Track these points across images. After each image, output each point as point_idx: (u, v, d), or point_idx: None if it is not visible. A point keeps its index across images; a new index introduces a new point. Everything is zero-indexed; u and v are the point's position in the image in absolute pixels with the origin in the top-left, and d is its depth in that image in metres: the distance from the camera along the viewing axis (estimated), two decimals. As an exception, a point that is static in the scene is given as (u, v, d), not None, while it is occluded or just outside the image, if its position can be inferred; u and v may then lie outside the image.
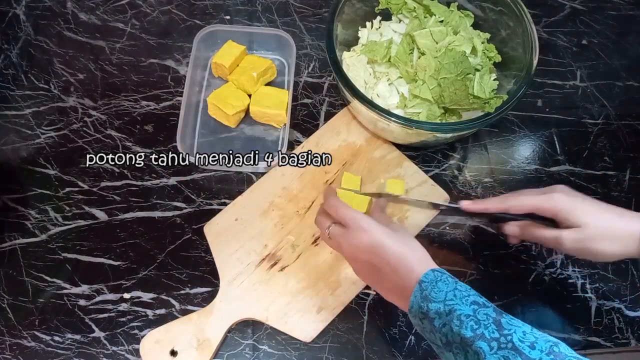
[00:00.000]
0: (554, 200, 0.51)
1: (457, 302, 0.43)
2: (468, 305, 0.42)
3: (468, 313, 0.42)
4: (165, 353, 0.57)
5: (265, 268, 0.62)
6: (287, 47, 0.72)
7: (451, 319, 0.42)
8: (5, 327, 0.60)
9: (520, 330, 0.40)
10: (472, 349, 0.40)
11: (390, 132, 0.65)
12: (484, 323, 0.41)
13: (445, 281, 0.45)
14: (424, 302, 0.44)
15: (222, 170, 0.69)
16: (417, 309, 0.45)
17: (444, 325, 0.42)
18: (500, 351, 0.39)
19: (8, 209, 0.65)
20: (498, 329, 0.40)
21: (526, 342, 0.39)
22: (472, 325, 0.41)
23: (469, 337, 0.40)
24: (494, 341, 0.39)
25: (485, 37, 0.69)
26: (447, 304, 0.43)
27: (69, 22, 0.78)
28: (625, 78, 0.78)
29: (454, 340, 0.42)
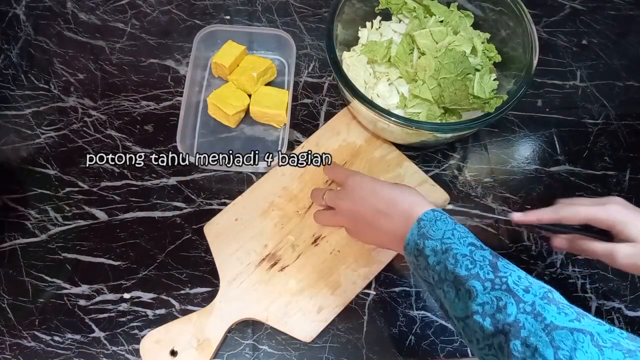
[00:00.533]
0: (610, 212, 0.49)
1: (454, 241, 0.43)
2: (465, 245, 0.42)
3: (464, 252, 0.42)
4: (165, 353, 0.57)
5: (265, 268, 0.62)
6: (287, 47, 0.72)
7: (447, 257, 0.42)
8: (5, 327, 0.60)
9: (515, 275, 0.40)
10: (465, 287, 0.40)
11: (390, 132, 0.65)
12: (479, 264, 0.41)
13: (444, 221, 0.45)
14: (421, 239, 0.44)
15: (222, 170, 0.69)
16: (413, 245, 0.45)
17: (438, 262, 0.43)
18: (494, 292, 0.39)
19: (8, 209, 0.65)
20: (493, 270, 0.40)
21: (520, 286, 0.39)
22: (467, 265, 0.41)
23: (463, 276, 0.40)
24: (488, 282, 0.39)
25: (485, 37, 0.69)
26: (444, 242, 0.43)
27: (69, 22, 0.78)
28: (625, 78, 0.78)
29: (446, 277, 0.42)
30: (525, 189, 0.69)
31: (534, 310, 0.37)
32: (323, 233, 0.64)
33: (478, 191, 0.69)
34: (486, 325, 0.38)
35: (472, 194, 0.69)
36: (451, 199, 0.67)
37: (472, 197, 0.68)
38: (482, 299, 0.39)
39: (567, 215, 0.52)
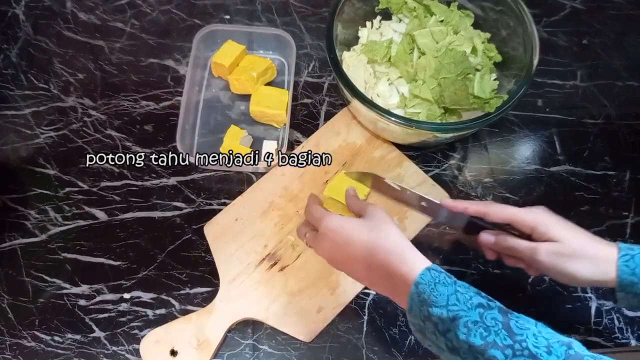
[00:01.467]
0: (534, 213, 0.51)
1: (461, 307, 0.41)
2: (473, 309, 0.41)
3: (475, 319, 0.40)
4: (165, 353, 0.57)
5: (265, 268, 0.62)
6: (287, 47, 0.72)
7: (457, 326, 0.40)
8: (5, 327, 0.60)
9: (531, 334, 0.39)
10: (485, 356, 0.39)
11: (390, 132, 0.65)
12: (493, 330, 0.39)
13: (444, 283, 0.43)
14: (424, 306, 0.43)
15: (222, 170, 0.69)
16: (417, 311, 0.44)
17: (447, 330, 0.41)
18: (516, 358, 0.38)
19: (8, 209, 0.65)
20: (509, 334, 0.39)
21: (541, 347, 0.38)
22: (482, 333, 0.39)
23: (479, 345, 0.39)
24: (508, 348, 0.38)
25: (485, 36, 0.69)
26: (450, 310, 0.41)
27: (69, 22, 0.78)
28: (626, 78, 0.78)
29: (460, 346, 0.40)
30: (525, 189, 0.69)
31: None
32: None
33: (478, 191, 0.69)
34: None
35: (472, 194, 0.69)
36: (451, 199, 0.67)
37: (472, 197, 0.68)
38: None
39: (493, 211, 0.52)
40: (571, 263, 0.48)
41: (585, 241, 0.49)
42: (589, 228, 0.68)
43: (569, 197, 0.69)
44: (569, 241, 0.49)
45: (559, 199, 0.69)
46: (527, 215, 0.51)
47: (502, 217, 0.52)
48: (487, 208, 0.53)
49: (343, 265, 0.51)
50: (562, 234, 0.49)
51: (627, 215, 0.68)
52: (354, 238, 0.48)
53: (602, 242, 0.49)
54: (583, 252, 0.48)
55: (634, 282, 0.46)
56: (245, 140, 0.68)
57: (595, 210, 0.68)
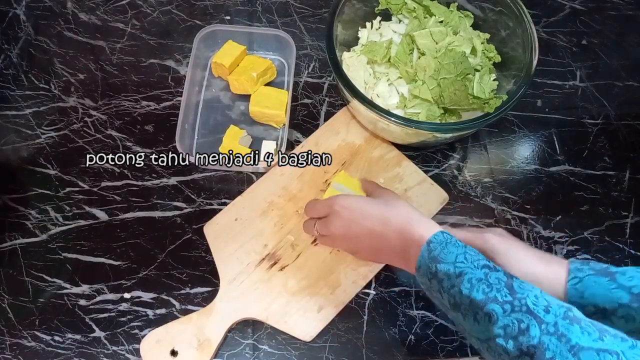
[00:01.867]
0: (484, 239, 0.51)
1: (468, 265, 0.43)
2: (479, 268, 0.42)
3: (479, 277, 0.42)
4: (165, 353, 0.57)
5: (265, 268, 0.62)
6: (287, 48, 0.72)
7: (461, 282, 0.42)
8: (5, 327, 0.60)
9: (532, 294, 0.40)
10: (484, 311, 0.40)
11: (390, 132, 0.65)
12: (496, 287, 0.41)
13: (455, 244, 0.45)
14: (432, 263, 0.44)
15: (222, 170, 0.69)
16: (425, 268, 0.45)
17: (452, 286, 0.43)
18: (514, 314, 0.39)
19: (8, 209, 0.66)
20: (510, 292, 0.40)
21: (540, 306, 0.39)
22: (484, 289, 0.41)
23: (480, 300, 0.40)
24: (507, 304, 0.39)
25: (485, 37, 0.69)
26: (457, 266, 0.43)
27: (69, 22, 0.78)
28: (625, 78, 0.78)
29: (462, 302, 0.42)
30: (525, 189, 0.69)
31: (557, 331, 0.37)
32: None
33: (478, 191, 0.69)
34: (510, 348, 0.38)
35: (471, 194, 0.69)
36: (451, 199, 0.67)
37: (472, 197, 0.69)
38: (503, 322, 0.39)
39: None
40: None
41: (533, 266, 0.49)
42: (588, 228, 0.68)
43: (568, 197, 0.69)
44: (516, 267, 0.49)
45: (559, 199, 0.69)
46: (476, 241, 0.51)
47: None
48: None
49: (357, 240, 0.53)
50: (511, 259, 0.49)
51: (627, 215, 0.68)
52: (369, 211, 0.51)
53: (551, 263, 0.49)
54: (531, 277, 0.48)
55: (583, 304, 0.46)
56: (244, 140, 0.68)
57: (594, 210, 0.68)
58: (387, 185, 0.67)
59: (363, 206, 0.52)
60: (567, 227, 0.67)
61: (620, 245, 0.66)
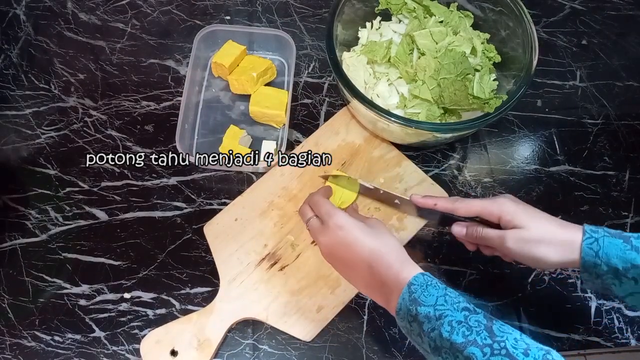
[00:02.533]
0: (499, 203, 0.53)
1: (448, 307, 0.43)
2: (459, 311, 0.43)
3: (459, 319, 0.42)
4: (165, 353, 0.57)
5: (265, 268, 0.62)
6: (287, 48, 0.72)
7: (441, 324, 0.42)
8: (5, 327, 0.60)
9: (512, 337, 0.40)
10: (464, 354, 0.40)
11: (390, 132, 0.65)
12: (475, 329, 0.41)
13: (435, 286, 0.45)
14: (413, 305, 0.44)
15: (222, 170, 0.69)
16: (405, 311, 0.45)
17: (432, 329, 0.43)
18: (494, 357, 0.39)
19: (8, 209, 0.66)
20: (490, 335, 0.40)
21: (519, 349, 0.39)
22: (464, 332, 0.41)
23: (460, 343, 0.40)
24: (487, 347, 0.39)
25: (485, 37, 0.69)
26: (437, 309, 0.43)
27: (69, 22, 0.78)
28: (625, 78, 0.78)
29: (442, 345, 0.42)
30: (525, 189, 0.69)
31: None
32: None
33: (478, 191, 0.69)
34: None
35: (471, 194, 0.69)
36: (451, 199, 0.67)
37: (472, 196, 0.69)
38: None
39: (461, 207, 0.55)
40: (537, 248, 0.50)
41: (550, 226, 0.50)
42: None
43: (568, 197, 0.69)
44: (534, 227, 0.50)
45: (559, 199, 0.69)
46: (492, 207, 0.53)
47: (470, 212, 0.54)
48: (454, 204, 0.55)
49: (342, 263, 0.52)
50: (526, 221, 0.51)
51: (627, 215, 0.68)
52: (361, 241, 0.50)
53: (567, 226, 0.50)
54: (548, 236, 0.50)
55: (596, 263, 0.47)
56: (244, 140, 0.68)
57: (594, 210, 0.68)
58: (387, 185, 0.67)
59: (358, 234, 0.51)
60: (567, 227, 0.67)
61: (620, 245, 0.66)
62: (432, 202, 0.56)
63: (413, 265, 0.49)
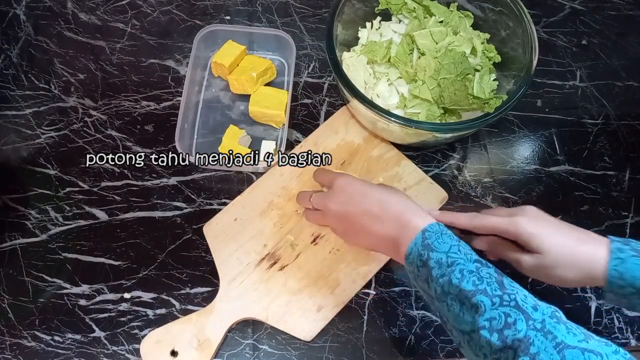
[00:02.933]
0: (515, 225, 0.50)
1: (460, 256, 0.44)
2: (471, 262, 0.43)
3: (471, 269, 0.42)
4: (165, 354, 0.57)
5: (264, 267, 0.62)
6: (287, 48, 0.72)
7: (452, 271, 0.43)
8: (5, 327, 0.60)
9: (522, 293, 0.41)
10: (471, 302, 0.41)
11: (390, 132, 0.65)
12: (486, 280, 0.41)
13: (450, 236, 0.46)
14: (425, 250, 0.45)
15: (222, 170, 0.69)
16: (416, 256, 0.46)
17: (442, 275, 0.43)
18: (502, 307, 0.39)
19: (8, 209, 0.66)
20: (500, 287, 0.41)
21: (529, 304, 0.39)
22: (474, 281, 0.41)
23: (470, 290, 0.41)
24: (497, 297, 0.40)
25: (485, 37, 0.69)
26: (450, 256, 0.43)
27: (69, 22, 0.78)
28: (625, 78, 0.78)
29: (450, 291, 0.42)
30: (525, 189, 0.69)
31: (544, 328, 0.38)
32: (322, 232, 0.64)
33: (478, 191, 0.69)
34: (493, 341, 0.39)
35: (471, 194, 0.69)
36: (451, 199, 0.67)
37: (472, 197, 0.69)
38: (490, 314, 0.39)
39: (478, 226, 0.53)
40: (555, 271, 0.48)
41: (568, 247, 0.48)
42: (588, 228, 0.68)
43: (568, 197, 0.69)
44: (552, 252, 0.48)
45: (559, 199, 0.69)
46: (509, 227, 0.50)
47: (487, 230, 0.52)
48: (471, 222, 0.53)
49: (350, 220, 0.53)
50: (545, 245, 0.48)
51: (627, 216, 0.68)
52: (371, 192, 0.52)
53: (590, 243, 0.48)
54: (566, 260, 0.47)
55: (622, 285, 0.45)
56: (244, 140, 0.68)
57: (594, 211, 0.68)
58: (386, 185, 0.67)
59: (366, 187, 0.53)
60: (567, 227, 0.67)
61: (620, 245, 0.66)
62: (450, 220, 0.54)
63: (426, 213, 0.49)
